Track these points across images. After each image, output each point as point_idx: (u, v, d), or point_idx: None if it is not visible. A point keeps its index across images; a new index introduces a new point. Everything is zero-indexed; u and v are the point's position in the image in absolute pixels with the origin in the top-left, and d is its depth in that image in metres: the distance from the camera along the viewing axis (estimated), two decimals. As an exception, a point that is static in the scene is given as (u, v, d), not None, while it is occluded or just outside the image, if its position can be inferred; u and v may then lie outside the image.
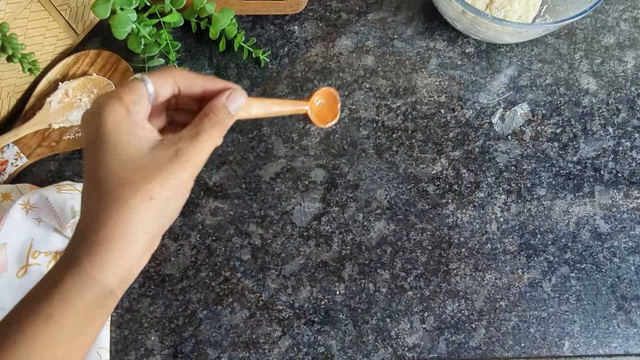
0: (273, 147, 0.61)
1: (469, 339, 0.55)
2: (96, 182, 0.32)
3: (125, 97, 0.32)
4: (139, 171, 0.32)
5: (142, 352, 0.54)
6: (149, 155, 0.32)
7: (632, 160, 0.61)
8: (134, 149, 0.32)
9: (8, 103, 0.60)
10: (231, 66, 0.64)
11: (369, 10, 0.67)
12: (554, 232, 0.58)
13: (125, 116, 0.32)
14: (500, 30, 0.58)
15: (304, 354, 0.54)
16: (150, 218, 0.32)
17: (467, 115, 0.62)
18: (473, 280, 0.56)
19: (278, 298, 0.56)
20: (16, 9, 0.54)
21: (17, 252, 0.52)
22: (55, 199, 0.52)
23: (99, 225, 0.31)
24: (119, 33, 0.55)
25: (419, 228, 0.58)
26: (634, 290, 0.56)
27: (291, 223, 0.58)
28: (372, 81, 0.64)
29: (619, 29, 0.66)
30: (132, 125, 0.32)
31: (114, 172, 0.31)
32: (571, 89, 0.64)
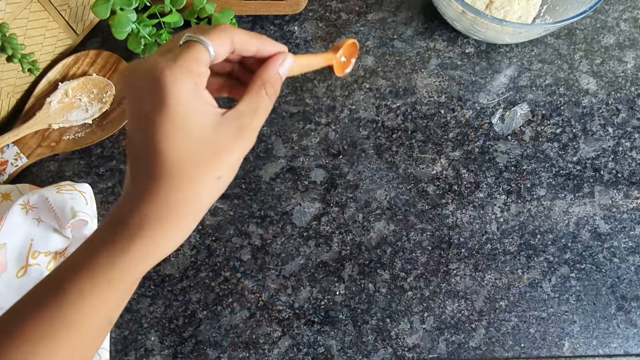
0: (273, 147, 0.61)
1: (469, 339, 0.55)
2: (154, 155, 0.29)
3: (194, 68, 0.30)
4: (207, 150, 0.30)
5: (142, 352, 0.54)
6: (214, 132, 0.31)
7: (632, 160, 0.61)
8: (200, 126, 0.30)
9: (8, 103, 0.60)
10: (231, 66, 0.64)
11: (369, 10, 0.67)
12: (554, 232, 0.58)
13: (193, 90, 0.30)
14: (500, 31, 0.58)
15: (304, 354, 0.54)
16: (213, 196, 0.32)
17: (467, 115, 0.62)
18: (473, 281, 0.56)
19: (278, 298, 0.56)
20: (16, 9, 0.54)
21: (17, 252, 0.52)
22: (55, 199, 0.52)
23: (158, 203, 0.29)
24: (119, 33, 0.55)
25: (419, 228, 0.58)
26: (634, 290, 0.56)
27: (291, 223, 0.58)
28: (372, 81, 0.64)
29: (619, 29, 0.66)
30: (198, 100, 0.30)
31: (180, 149, 0.29)
32: (571, 89, 0.64)
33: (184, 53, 0.30)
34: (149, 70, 0.29)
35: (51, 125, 0.60)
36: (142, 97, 0.30)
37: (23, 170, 0.59)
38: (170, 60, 0.30)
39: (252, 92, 0.33)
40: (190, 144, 0.30)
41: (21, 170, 0.59)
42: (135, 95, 0.30)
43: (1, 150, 0.58)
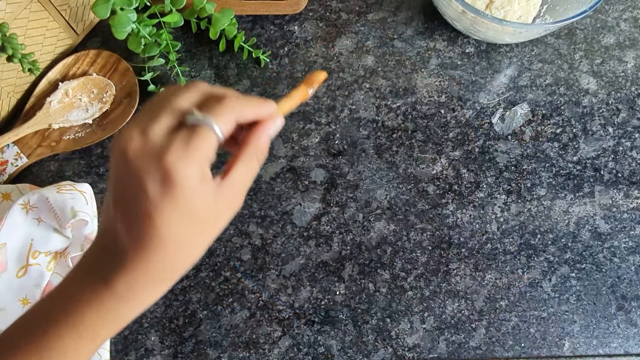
0: (273, 147, 0.61)
1: (469, 339, 0.55)
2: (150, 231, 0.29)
3: (203, 160, 0.30)
4: (205, 225, 0.32)
5: (142, 352, 0.54)
6: (213, 208, 0.32)
7: (632, 160, 0.61)
8: (201, 207, 0.31)
9: (8, 103, 0.60)
10: (231, 66, 0.64)
11: (369, 10, 0.67)
12: (554, 232, 0.58)
13: (200, 177, 0.30)
14: (500, 30, 0.58)
15: (304, 354, 0.54)
16: (202, 253, 0.33)
17: (467, 115, 0.62)
18: (473, 280, 0.56)
19: (278, 298, 0.56)
20: (16, 9, 0.54)
21: (17, 252, 0.52)
22: (55, 199, 0.52)
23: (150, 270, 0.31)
24: (119, 33, 0.55)
25: (419, 228, 0.58)
26: (634, 290, 0.56)
27: (291, 223, 0.58)
28: (372, 81, 0.64)
29: (619, 29, 0.66)
30: (203, 183, 0.30)
31: (179, 229, 0.30)
32: (571, 89, 0.64)
33: (195, 142, 0.30)
34: (157, 157, 0.29)
35: (51, 125, 0.60)
36: (145, 179, 0.29)
37: (23, 170, 0.59)
38: (180, 150, 0.29)
39: (245, 159, 0.34)
40: (190, 224, 0.30)
41: (21, 170, 0.59)
42: (137, 174, 0.30)
43: (1, 150, 0.58)
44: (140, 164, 0.29)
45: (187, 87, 0.33)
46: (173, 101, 0.32)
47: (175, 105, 0.31)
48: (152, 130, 0.30)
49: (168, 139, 0.30)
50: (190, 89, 0.33)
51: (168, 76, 0.64)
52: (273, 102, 0.36)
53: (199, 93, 0.33)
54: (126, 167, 0.30)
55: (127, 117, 0.60)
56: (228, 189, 0.32)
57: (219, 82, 0.63)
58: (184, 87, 0.33)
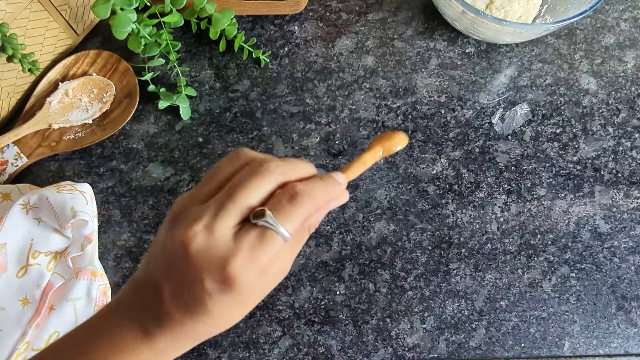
0: (273, 147, 0.61)
1: (469, 339, 0.55)
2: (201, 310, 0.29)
3: (267, 262, 0.29)
4: (253, 302, 0.31)
5: (142, 352, 0.54)
6: (264, 289, 0.31)
7: (632, 160, 0.61)
8: (255, 295, 0.31)
9: (8, 103, 0.60)
10: (231, 66, 0.64)
11: (369, 10, 0.67)
12: (554, 232, 0.58)
13: (260, 277, 0.30)
14: (500, 30, 0.58)
15: (304, 354, 0.54)
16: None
17: (467, 115, 0.62)
18: (473, 280, 0.56)
19: (278, 298, 0.56)
20: (16, 9, 0.54)
21: (17, 252, 0.52)
22: (55, 199, 0.52)
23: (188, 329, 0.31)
24: (119, 33, 0.55)
25: (419, 228, 0.58)
26: (634, 290, 0.56)
27: (291, 223, 0.58)
28: (372, 81, 0.64)
29: (619, 29, 0.66)
30: (262, 281, 0.30)
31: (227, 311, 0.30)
32: (571, 89, 0.64)
33: (262, 249, 0.29)
34: (222, 261, 0.28)
35: (51, 125, 0.60)
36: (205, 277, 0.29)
37: (23, 170, 0.59)
38: (247, 257, 0.29)
39: (298, 234, 0.32)
40: (239, 308, 0.30)
41: (21, 170, 0.59)
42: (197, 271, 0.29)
43: (1, 150, 0.58)
44: (202, 264, 0.28)
45: (259, 173, 0.30)
46: (243, 194, 0.30)
47: (245, 200, 0.30)
48: (218, 229, 0.29)
49: (234, 241, 0.29)
50: (262, 176, 0.30)
51: (168, 76, 0.64)
52: (342, 176, 0.34)
53: (272, 183, 0.31)
54: (186, 261, 0.29)
55: (127, 117, 0.60)
56: (276, 267, 0.31)
57: (219, 82, 0.63)
58: (259, 172, 0.30)
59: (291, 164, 0.32)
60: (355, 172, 0.36)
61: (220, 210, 0.29)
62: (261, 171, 0.30)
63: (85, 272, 0.53)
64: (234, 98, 0.63)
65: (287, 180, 0.31)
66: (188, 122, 0.62)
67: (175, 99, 0.60)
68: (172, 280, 0.29)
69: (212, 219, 0.29)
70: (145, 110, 0.62)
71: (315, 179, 0.32)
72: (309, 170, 0.33)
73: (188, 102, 0.61)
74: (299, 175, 0.32)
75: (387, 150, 0.38)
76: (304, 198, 0.30)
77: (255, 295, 0.31)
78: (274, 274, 0.31)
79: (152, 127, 0.62)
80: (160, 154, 0.61)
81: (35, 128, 0.59)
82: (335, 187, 0.33)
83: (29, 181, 0.59)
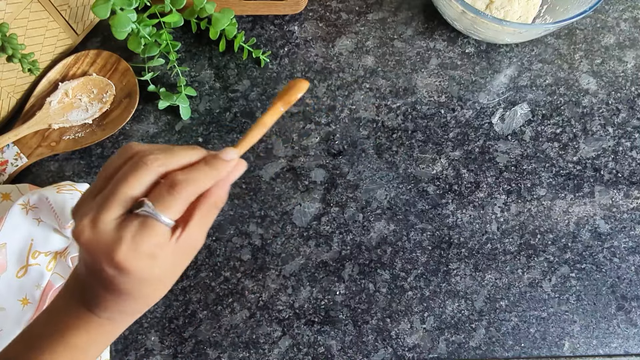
0: (273, 147, 0.61)
1: (469, 339, 0.55)
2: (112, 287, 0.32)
3: (153, 246, 0.32)
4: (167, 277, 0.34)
5: (142, 352, 0.54)
6: (171, 265, 0.33)
7: (632, 160, 0.61)
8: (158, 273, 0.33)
9: (8, 103, 0.60)
10: (231, 66, 0.64)
11: (369, 10, 0.67)
12: (554, 232, 0.58)
13: (152, 260, 0.32)
14: (500, 30, 0.58)
15: (304, 354, 0.54)
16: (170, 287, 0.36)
17: (467, 115, 0.62)
18: (473, 280, 0.56)
19: (278, 298, 0.56)
20: (16, 9, 0.54)
21: (17, 252, 0.52)
22: (55, 199, 0.52)
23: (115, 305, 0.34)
24: (119, 33, 0.55)
25: (419, 228, 0.58)
26: (634, 290, 0.56)
27: (291, 223, 0.58)
28: (372, 81, 0.64)
29: (619, 29, 0.66)
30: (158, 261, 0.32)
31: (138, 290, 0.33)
32: (571, 89, 0.64)
33: (144, 236, 0.31)
34: (108, 251, 0.31)
35: (51, 125, 0.60)
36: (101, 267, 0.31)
37: (23, 170, 0.59)
38: (130, 244, 0.31)
39: (204, 211, 0.34)
40: (150, 285, 0.33)
41: (21, 170, 0.59)
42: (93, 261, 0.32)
43: (1, 150, 0.58)
44: (95, 255, 0.31)
45: (139, 167, 0.32)
46: (124, 187, 0.32)
47: (126, 193, 0.32)
48: (102, 221, 0.31)
49: (117, 231, 0.31)
50: (142, 169, 0.32)
51: (168, 76, 0.64)
52: (232, 151, 0.35)
53: (151, 174, 0.32)
54: (84, 253, 0.32)
55: (127, 117, 0.60)
56: (186, 242, 0.33)
57: (219, 82, 0.63)
58: (137, 166, 0.32)
59: (172, 153, 0.33)
60: (255, 138, 0.37)
61: (104, 204, 0.31)
62: (140, 165, 0.32)
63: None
64: (234, 98, 0.63)
65: (168, 170, 0.33)
66: (188, 122, 0.62)
67: (175, 99, 0.60)
68: (87, 268, 0.33)
69: (96, 213, 0.31)
70: (145, 110, 0.62)
71: (198, 166, 0.34)
72: (192, 156, 0.34)
73: (188, 102, 0.61)
74: (180, 164, 0.34)
75: (288, 103, 0.38)
76: (183, 186, 0.32)
77: (167, 272, 0.33)
78: (179, 252, 0.33)
79: (152, 127, 0.62)
80: (160, 154, 0.61)
81: (35, 128, 0.59)
82: (221, 167, 0.34)
83: (28, 181, 0.59)
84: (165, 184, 0.32)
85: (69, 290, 0.36)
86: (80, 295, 0.34)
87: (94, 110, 0.61)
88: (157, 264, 0.32)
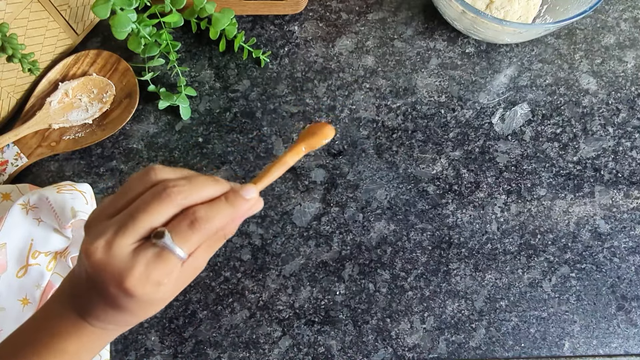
0: (273, 147, 0.61)
1: (469, 339, 0.55)
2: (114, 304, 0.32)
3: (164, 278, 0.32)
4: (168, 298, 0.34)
5: (142, 352, 0.54)
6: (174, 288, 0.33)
7: (632, 160, 0.61)
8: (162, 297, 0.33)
9: (8, 103, 0.60)
10: (231, 66, 0.64)
11: (369, 10, 0.67)
12: (554, 232, 0.58)
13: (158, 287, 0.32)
14: (500, 30, 0.58)
15: (304, 354, 0.54)
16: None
17: (467, 115, 0.62)
18: (473, 280, 0.56)
19: (278, 298, 0.56)
20: (16, 9, 0.54)
21: (17, 252, 0.52)
22: (55, 199, 0.52)
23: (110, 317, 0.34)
24: (119, 33, 0.55)
25: (419, 228, 0.58)
26: (634, 290, 0.56)
27: (291, 223, 0.58)
28: (372, 81, 0.64)
29: (619, 29, 0.66)
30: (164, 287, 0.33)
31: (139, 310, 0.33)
32: (571, 89, 0.64)
33: (158, 268, 0.31)
34: (119, 277, 0.31)
35: (51, 125, 0.60)
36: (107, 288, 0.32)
37: (23, 170, 0.59)
38: (142, 274, 0.31)
39: (212, 241, 0.34)
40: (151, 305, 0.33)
41: (21, 170, 0.59)
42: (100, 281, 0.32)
43: (1, 150, 0.58)
44: (104, 276, 0.31)
45: (161, 199, 0.32)
46: (145, 216, 0.32)
47: (146, 222, 0.32)
48: (118, 245, 0.31)
49: (131, 258, 0.31)
50: (164, 202, 0.32)
51: (168, 76, 0.64)
52: (253, 189, 0.35)
53: (174, 208, 0.32)
54: (91, 270, 0.32)
55: (127, 117, 0.60)
56: (191, 267, 0.33)
57: (219, 82, 0.63)
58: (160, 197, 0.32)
59: (195, 186, 0.33)
60: (274, 176, 0.36)
61: (121, 229, 0.31)
62: (164, 196, 0.32)
63: (85, 272, 0.53)
64: (234, 98, 0.63)
65: (190, 204, 0.33)
66: (188, 122, 0.62)
67: (175, 99, 0.60)
68: (90, 282, 0.32)
69: (112, 236, 0.31)
70: (145, 110, 0.62)
71: (220, 203, 0.34)
72: (215, 191, 0.34)
73: (188, 102, 0.61)
74: (203, 198, 0.34)
75: (311, 147, 0.37)
76: (203, 224, 0.32)
77: (169, 294, 0.34)
78: (182, 278, 0.33)
79: (152, 127, 0.62)
80: (160, 154, 0.61)
81: (35, 128, 0.59)
82: (241, 205, 0.34)
83: (29, 181, 0.59)
84: (186, 218, 0.32)
85: (62, 295, 0.35)
86: (75, 302, 0.34)
87: (94, 110, 0.61)
88: (162, 289, 0.32)
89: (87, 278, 0.32)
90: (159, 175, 0.34)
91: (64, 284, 0.36)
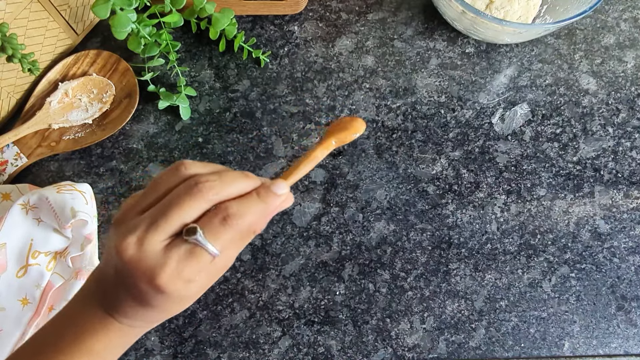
0: (273, 147, 0.61)
1: (469, 339, 0.55)
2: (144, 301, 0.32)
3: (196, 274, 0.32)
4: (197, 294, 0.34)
5: (142, 352, 0.54)
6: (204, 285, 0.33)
7: (632, 160, 0.61)
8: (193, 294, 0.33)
9: (8, 103, 0.60)
10: (231, 66, 0.64)
11: (369, 10, 0.67)
12: (554, 232, 0.58)
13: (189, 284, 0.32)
14: (500, 31, 0.58)
15: (304, 354, 0.54)
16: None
17: (467, 115, 0.62)
18: (473, 281, 0.56)
19: (278, 298, 0.56)
20: (16, 9, 0.54)
21: (17, 252, 0.52)
22: (55, 199, 0.52)
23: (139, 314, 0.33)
24: (119, 33, 0.55)
25: (419, 228, 0.58)
26: (634, 290, 0.56)
27: (291, 223, 0.58)
28: (372, 81, 0.64)
29: (619, 29, 0.66)
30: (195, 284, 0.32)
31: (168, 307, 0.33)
32: (571, 89, 0.64)
33: (190, 265, 0.31)
34: (150, 273, 0.31)
35: (51, 125, 0.60)
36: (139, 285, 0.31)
37: (23, 170, 0.59)
38: (174, 271, 0.31)
39: (242, 236, 0.34)
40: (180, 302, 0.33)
41: (21, 170, 0.59)
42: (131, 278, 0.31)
43: (1, 150, 0.58)
44: (135, 273, 0.31)
45: (193, 195, 0.31)
46: (177, 212, 0.31)
47: (178, 218, 0.31)
48: (150, 242, 0.31)
49: (163, 255, 0.31)
50: (196, 197, 0.31)
51: (168, 76, 0.64)
52: (284, 184, 0.34)
53: (206, 203, 0.32)
54: (123, 267, 0.31)
55: (127, 117, 0.60)
56: (221, 264, 0.33)
57: (219, 82, 0.63)
58: (192, 192, 0.31)
59: (226, 181, 0.33)
60: (303, 171, 0.36)
61: (153, 225, 0.31)
62: (195, 192, 0.32)
63: (85, 273, 0.53)
64: (233, 98, 0.63)
65: (222, 199, 0.32)
66: (188, 122, 0.62)
67: (175, 99, 0.60)
68: (119, 278, 0.32)
69: (144, 232, 0.31)
70: (145, 110, 0.62)
71: (251, 198, 0.33)
72: (246, 186, 0.34)
73: (188, 102, 0.61)
74: (234, 193, 0.33)
75: (342, 141, 0.36)
76: (235, 220, 0.32)
77: (199, 291, 0.33)
78: (212, 273, 0.33)
79: (152, 127, 0.62)
80: (160, 154, 0.61)
81: (35, 128, 0.59)
82: (272, 200, 0.34)
83: (28, 181, 0.59)
84: (218, 214, 0.32)
85: (88, 293, 0.35)
86: (102, 299, 0.34)
87: (94, 110, 0.61)
88: (192, 286, 0.32)
89: (115, 274, 0.32)
90: (190, 170, 0.33)
91: (89, 282, 0.35)
